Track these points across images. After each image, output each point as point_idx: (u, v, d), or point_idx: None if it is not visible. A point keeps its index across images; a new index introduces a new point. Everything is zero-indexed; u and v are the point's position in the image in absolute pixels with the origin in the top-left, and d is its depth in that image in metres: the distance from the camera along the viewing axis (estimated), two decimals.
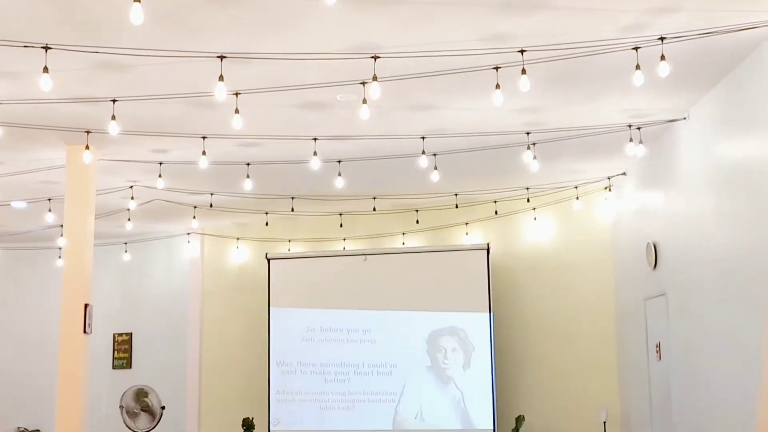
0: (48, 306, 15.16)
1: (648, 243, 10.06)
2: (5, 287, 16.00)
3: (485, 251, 12.22)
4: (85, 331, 8.91)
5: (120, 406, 10.10)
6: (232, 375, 13.95)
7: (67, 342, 8.91)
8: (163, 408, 10.17)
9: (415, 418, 12.26)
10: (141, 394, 10.19)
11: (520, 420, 11.76)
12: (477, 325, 12.16)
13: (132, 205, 11.29)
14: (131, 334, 15.09)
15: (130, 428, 10.13)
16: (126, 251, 14.68)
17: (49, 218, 11.45)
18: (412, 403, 12.28)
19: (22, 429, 15.38)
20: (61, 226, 9.74)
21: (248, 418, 12.71)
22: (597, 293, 12.21)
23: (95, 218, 9.50)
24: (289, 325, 12.78)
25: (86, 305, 8.95)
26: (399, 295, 12.55)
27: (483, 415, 11.93)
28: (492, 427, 11.83)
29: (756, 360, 7.04)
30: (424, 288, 12.47)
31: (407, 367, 12.36)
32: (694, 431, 8.61)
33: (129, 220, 12.28)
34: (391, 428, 12.26)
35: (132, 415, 10.06)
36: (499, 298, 12.46)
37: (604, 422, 11.48)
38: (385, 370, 12.41)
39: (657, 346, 9.91)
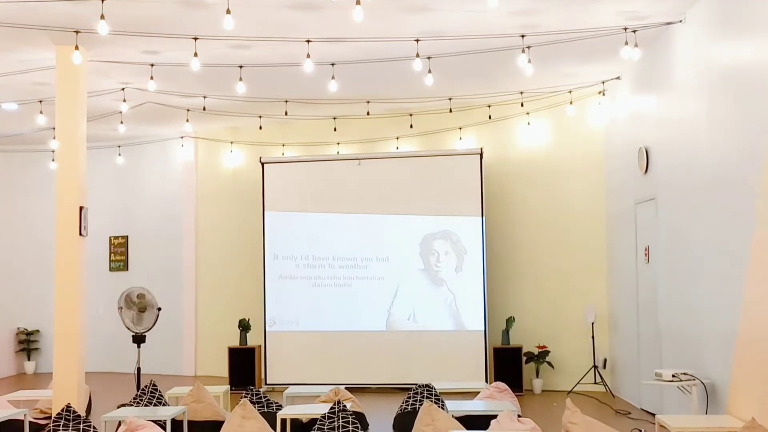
0: (43, 209, 15.26)
1: (640, 148, 10.09)
2: (1, 194, 16.03)
3: (479, 156, 12.26)
4: (80, 234, 9.00)
5: (118, 308, 10.27)
6: (227, 277, 14.17)
7: (63, 244, 9.02)
8: (159, 309, 10.34)
9: (408, 319, 12.54)
10: (138, 296, 10.34)
11: (510, 321, 12.05)
12: (469, 229, 12.30)
13: (124, 107, 11.23)
14: (127, 237, 15.25)
15: (128, 329, 10.33)
16: (120, 154, 14.67)
17: (41, 120, 11.39)
18: (405, 305, 12.53)
19: (22, 330, 15.70)
20: (53, 128, 9.71)
21: (244, 319, 13.00)
22: (588, 198, 12.32)
23: (87, 121, 9.47)
24: (284, 228, 12.91)
25: (81, 208, 9.02)
26: (392, 199, 12.65)
27: (474, 317, 12.20)
28: (483, 328, 12.12)
29: (742, 263, 7.19)
30: (418, 192, 12.56)
31: (400, 270, 12.56)
32: (679, 332, 8.86)
33: (122, 123, 12.23)
34: (384, 329, 12.55)
35: (129, 316, 10.25)
36: (492, 203, 12.57)
37: (592, 323, 11.78)
38: (378, 274, 12.62)
39: (646, 250, 10.08)
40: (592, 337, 11.77)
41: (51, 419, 7.97)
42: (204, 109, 11.67)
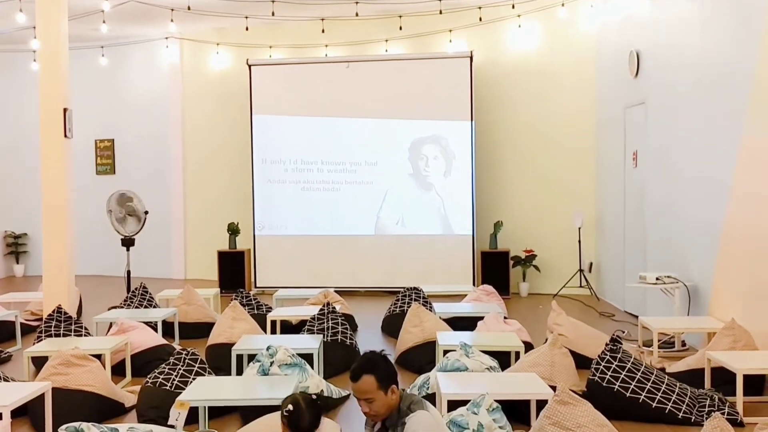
0: (26, 110, 15.04)
1: (631, 51, 9.96)
2: None
3: (468, 59, 12.07)
4: (65, 136, 8.89)
5: (107, 211, 10.25)
6: (215, 181, 14.12)
7: (47, 147, 8.92)
8: (146, 213, 10.33)
9: (397, 223, 12.59)
10: (125, 199, 10.31)
11: (498, 225, 12.13)
12: (459, 134, 12.24)
13: (106, 6, 10.91)
14: (113, 140, 15.08)
15: (117, 232, 10.34)
16: (103, 55, 14.36)
17: (21, 18, 11.06)
18: (393, 210, 12.57)
19: (9, 233, 15.70)
20: (34, 27, 9.44)
21: (233, 223, 13.02)
22: (578, 102, 12.23)
23: (69, 20, 9.21)
24: (272, 132, 12.80)
25: (65, 109, 8.88)
26: (381, 103, 12.51)
27: (462, 221, 12.27)
28: (471, 233, 12.20)
29: (728, 168, 7.20)
30: (407, 96, 12.42)
31: (389, 174, 12.54)
32: (665, 235, 8.94)
33: (104, 22, 11.91)
34: (373, 233, 12.62)
35: (118, 219, 10.25)
36: (481, 107, 12.46)
37: (579, 228, 11.87)
38: (367, 178, 12.60)
39: (634, 154, 10.08)
40: (579, 242, 11.89)
41: (42, 320, 8.06)
42: (189, 8, 11.36)
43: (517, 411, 5.33)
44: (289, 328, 8.80)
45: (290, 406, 3.64)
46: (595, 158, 12.11)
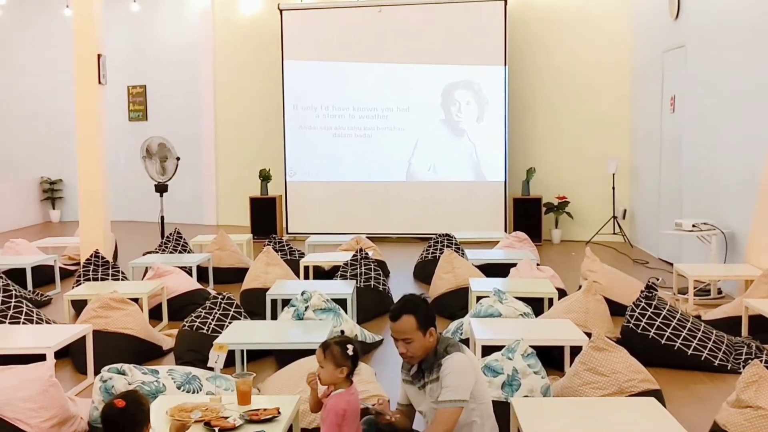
0: (60, 57, 15.10)
1: None
2: (14, 39, 15.81)
3: (503, 2, 11.84)
4: (99, 82, 8.91)
5: (141, 157, 10.31)
6: (247, 127, 14.12)
7: (82, 93, 8.95)
8: (178, 159, 10.37)
9: (428, 170, 12.54)
10: (158, 146, 10.35)
11: (530, 172, 12.03)
12: (492, 79, 12.07)
13: None
14: (145, 86, 15.11)
15: (151, 178, 10.41)
16: (135, 1, 14.31)
17: None
18: (425, 156, 12.50)
19: (45, 179, 15.90)
20: None
21: (264, 169, 13.05)
22: (615, 46, 11.98)
23: None
24: (303, 78, 12.72)
25: (99, 56, 8.88)
26: (413, 48, 12.35)
27: (495, 168, 12.18)
28: (503, 179, 12.12)
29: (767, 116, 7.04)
30: (439, 41, 12.25)
31: (421, 120, 12.45)
32: (702, 180, 8.81)
33: None
34: (404, 180, 12.59)
35: (151, 165, 10.30)
36: (515, 52, 12.26)
37: (613, 174, 11.74)
38: (399, 124, 12.52)
39: (672, 99, 9.88)
40: (613, 188, 11.77)
41: (80, 265, 8.18)
42: None
43: (550, 357, 5.34)
44: (321, 273, 8.86)
45: (339, 335, 3.65)
46: (630, 103, 11.91)
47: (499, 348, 4.55)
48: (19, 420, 4.17)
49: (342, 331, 5.24)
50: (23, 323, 5.96)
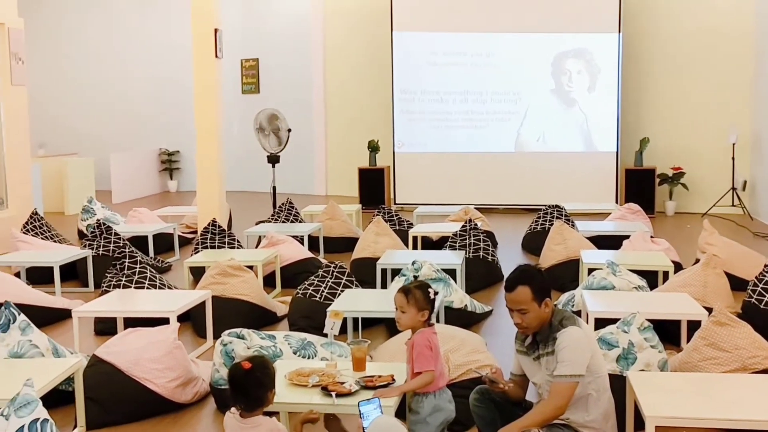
0: (176, 31, 15.59)
1: None
2: (134, 15, 16.42)
3: None
4: (216, 56, 9.16)
5: (255, 129, 10.56)
6: (356, 99, 14.24)
7: (199, 67, 9.23)
8: (289, 130, 10.56)
9: (538, 140, 12.35)
10: (271, 117, 10.57)
11: (644, 142, 11.68)
12: (605, 47, 11.75)
13: None
14: (257, 59, 15.43)
15: (264, 149, 10.66)
16: None
17: None
18: (534, 126, 12.32)
19: (163, 150, 16.52)
20: None
21: (373, 140, 13.15)
22: (737, 7, 11.43)
23: None
24: (412, 49, 12.70)
25: (216, 30, 9.12)
26: (524, 16, 12.14)
27: (606, 138, 11.89)
28: (615, 149, 11.83)
29: None
30: (551, 8, 11.98)
31: (530, 90, 12.25)
32: None
33: None
34: (513, 150, 12.45)
35: (264, 136, 10.54)
36: (630, 18, 11.86)
37: (733, 144, 11.26)
38: (508, 96, 12.36)
39: None
40: (732, 158, 11.29)
41: (198, 233, 8.49)
42: None
43: (666, 331, 5.21)
44: (429, 244, 8.89)
45: (415, 281, 3.66)
46: (753, 69, 11.36)
47: (612, 321, 4.48)
48: (146, 379, 4.39)
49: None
50: (147, 288, 6.25)
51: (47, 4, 16.60)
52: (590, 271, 6.21)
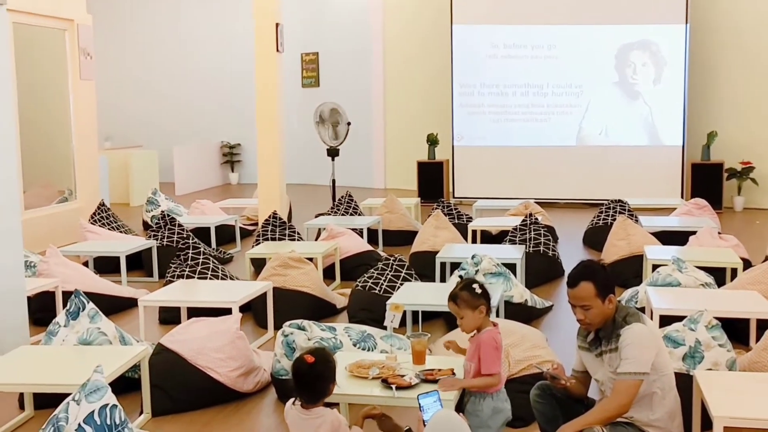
0: (237, 26, 15.77)
1: None
2: (196, 10, 16.67)
3: None
4: (277, 50, 9.24)
5: (315, 122, 10.62)
6: (415, 92, 14.21)
7: (261, 61, 9.32)
8: (349, 124, 10.60)
9: (600, 134, 12.16)
10: (330, 111, 10.62)
11: (711, 136, 11.40)
12: (671, 38, 11.50)
13: None
14: (317, 53, 15.52)
15: (324, 142, 10.72)
16: None
17: None
18: (597, 120, 12.13)
19: (225, 143, 16.75)
20: None
21: (432, 133, 13.12)
22: None
23: None
24: (472, 42, 12.61)
25: (277, 24, 9.20)
26: (587, 7, 11.95)
27: (672, 131, 11.65)
28: (681, 143, 11.58)
29: None
30: (615, 0, 11.78)
31: (593, 83, 12.06)
32: None
33: None
34: (574, 144, 12.28)
35: (323, 130, 10.60)
36: (697, 8, 11.58)
37: None
38: (570, 89, 12.19)
39: None
40: None
41: (259, 225, 8.58)
42: None
43: (734, 330, 5.08)
44: (489, 237, 8.84)
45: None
46: None
47: (677, 319, 4.39)
48: (210, 368, 4.46)
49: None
50: (209, 278, 6.35)
51: (115, 0, 16.96)
52: (654, 267, 6.10)
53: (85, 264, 7.66)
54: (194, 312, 5.40)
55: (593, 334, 3.44)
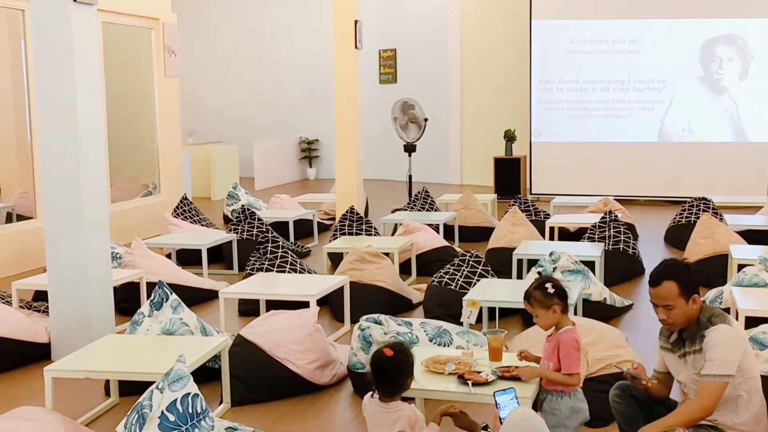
0: (314, 23, 15.94)
1: None
2: (275, 9, 16.91)
3: None
4: (356, 47, 9.31)
5: (393, 118, 10.67)
6: (492, 88, 14.11)
7: (340, 58, 9.42)
8: (426, 120, 10.60)
9: (683, 130, 11.86)
10: (407, 107, 10.64)
11: None
12: (759, 32, 11.13)
13: None
14: (395, 50, 15.55)
15: (401, 138, 10.76)
16: None
17: None
18: (680, 115, 11.83)
19: (303, 139, 16.95)
20: None
21: (509, 129, 13.00)
22: None
23: None
24: (551, 37, 12.45)
25: (356, 21, 9.27)
26: (670, 1, 11.65)
27: (759, 127, 11.28)
28: None
29: None
30: None
31: (676, 78, 11.76)
32: None
33: None
34: (656, 141, 12.01)
35: (401, 126, 10.63)
36: None
37: None
38: (652, 84, 11.91)
39: None
40: None
41: (336, 219, 8.67)
42: None
43: None
44: (566, 235, 8.72)
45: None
46: None
47: (764, 320, 4.27)
48: (288, 360, 4.54)
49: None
50: (288, 272, 6.44)
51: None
52: (740, 267, 5.93)
53: (168, 256, 7.87)
54: (273, 305, 5.49)
55: (677, 335, 3.36)
